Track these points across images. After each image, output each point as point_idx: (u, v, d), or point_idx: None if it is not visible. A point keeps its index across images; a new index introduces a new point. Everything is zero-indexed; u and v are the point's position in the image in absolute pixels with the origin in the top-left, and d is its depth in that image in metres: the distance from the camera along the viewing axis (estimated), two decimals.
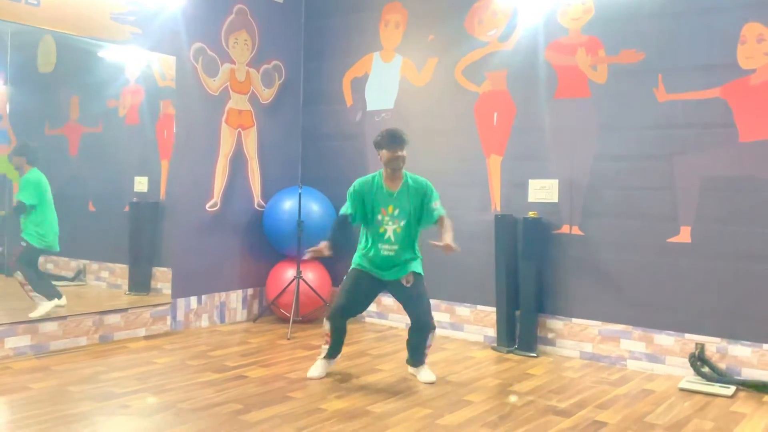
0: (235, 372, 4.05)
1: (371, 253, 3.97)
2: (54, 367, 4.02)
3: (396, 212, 3.94)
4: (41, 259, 5.16)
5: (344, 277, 4.07)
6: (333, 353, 4.06)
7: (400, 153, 3.90)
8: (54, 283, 4.97)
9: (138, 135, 5.18)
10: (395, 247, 3.94)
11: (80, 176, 5.08)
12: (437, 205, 3.97)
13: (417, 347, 4.00)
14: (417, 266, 4.00)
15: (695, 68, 4.19)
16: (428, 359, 4.08)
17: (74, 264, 5.11)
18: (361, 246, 4.06)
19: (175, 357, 4.37)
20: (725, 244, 4.10)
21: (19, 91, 4.78)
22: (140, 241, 5.24)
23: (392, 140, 3.91)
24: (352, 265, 4.07)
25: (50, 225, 4.67)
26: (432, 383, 3.90)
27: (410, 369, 4.10)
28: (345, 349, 4.64)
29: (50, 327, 4.37)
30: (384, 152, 3.92)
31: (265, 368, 4.15)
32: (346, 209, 4.00)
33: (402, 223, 3.94)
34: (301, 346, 4.76)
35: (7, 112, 4.73)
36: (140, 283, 5.19)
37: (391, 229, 3.93)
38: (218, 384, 3.79)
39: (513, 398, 3.67)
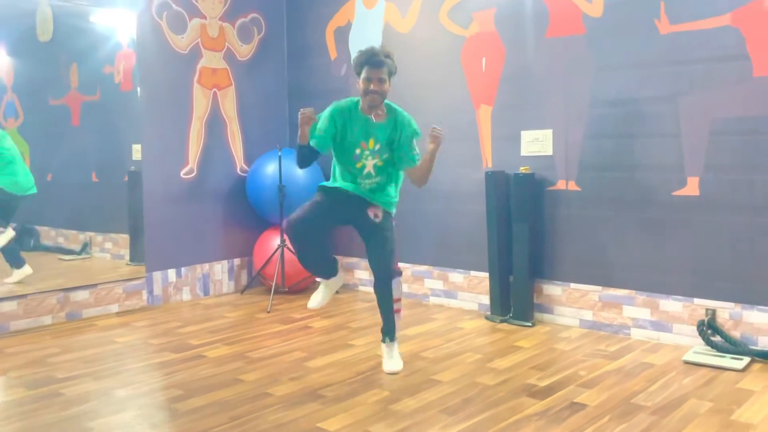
0: (195, 351, 3.76)
1: (347, 182, 3.40)
2: (6, 350, 3.81)
3: (377, 147, 3.33)
4: (52, 233, 5.04)
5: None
6: (324, 271, 3.50)
7: (375, 87, 3.20)
8: (62, 257, 4.88)
9: (133, 101, 4.89)
10: (377, 179, 3.37)
11: (83, 147, 4.93)
12: (416, 151, 3.38)
13: (381, 304, 3.41)
14: (389, 202, 3.42)
15: None
16: (401, 332, 3.68)
17: (81, 237, 4.97)
18: (334, 179, 3.47)
19: (139, 335, 4.12)
20: (739, 196, 3.56)
21: (22, 61, 4.63)
22: (140, 210, 4.98)
23: (369, 66, 3.21)
24: (319, 188, 3.47)
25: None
26: (395, 374, 3.36)
27: (382, 347, 3.52)
28: (325, 322, 4.38)
29: (8, 306, 4.16)
30: (360, 81, 3.27)
31: (229, 346, 3.85)
32: (315, 136, 3.33)
33: (384, 157, 3.35)
34: (280, 320, 4.45)
35: (12, 83, 4.60)
36: (141, 253, 4.97)
37: (371, 163, 3.34)
38: (170, 366, 3.51)
39: None
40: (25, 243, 4.69)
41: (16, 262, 4.43)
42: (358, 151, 3.35)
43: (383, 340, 3.47)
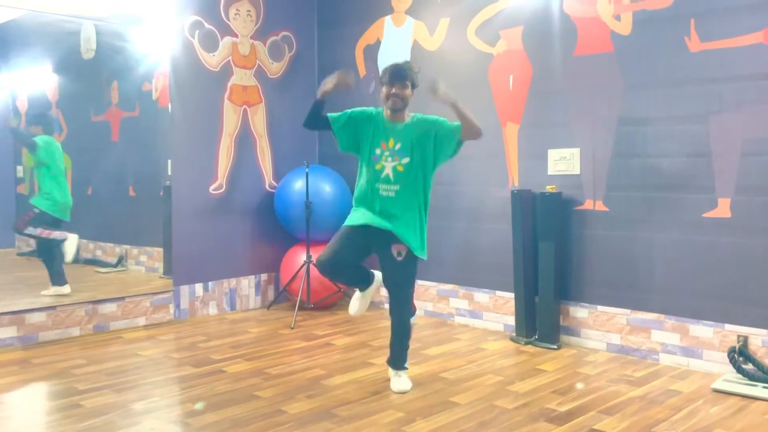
0: (215, 366, 3.77)
1: (368, 197, 3.37)
2: (34, 360, 3.88)
3: (397, 147, 3.32)
4: (90, 246, 5.16)
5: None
6: (359, 286, 3.50)
7: (396, 90, 3.27)
8: (99, 270, 5.01)
9: (170, 117, 4.98)
10: (395, 187, 3.30)
11: (122, 162, 5.06)
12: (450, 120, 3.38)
13: (394, 337, 3.43)
14: (417, 243, 3.31)
15: (733, 10, 3.52)
16: (423, 351, 3.65)
17: (118, 250, 5.08)
18: (356, 194, 3.45)
19: (162, 349, 4.16)
20: None
21: (66, 79, 4.79)
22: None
23: (392, 75, 3.30)
24: (345, 223, 3.44)
25: (61, 193, 4.65)
26: (404, 393, 3.34)
27: (390, 371, 3.51)
28: (347, 340, 4.36)
29: (38, 317, 4.24)
30: (383, 88, 3.35)
31: (249, 362, 3.86)
32: (331, 114, 3.48)
33: (405, 161, 3.31)
34: (303, 336, 4.44)
35: (57, 99, 4.75)
36: None
37: (390, 166, 3.32)
38: (189, 380, 3.52)
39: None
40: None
41: (59, 279, 4.55)
42: (378, 151, 3.37)
43: (391, 367, 3.49)
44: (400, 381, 3.41)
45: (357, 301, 3.54)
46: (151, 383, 3.48)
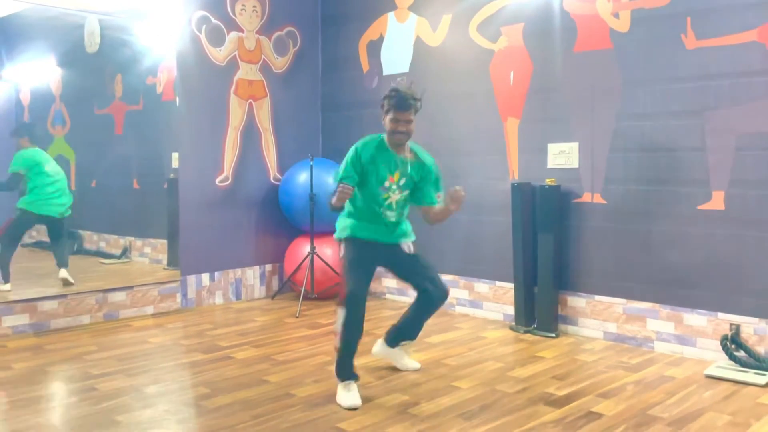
0: (223, 353, 3.88)
1: (369, 218, 3.43)
2: (47, 346, 3.99)
3: (402, 182, 3.43)
4: (95, 237, 5.25)
5: (344, 253, 3.41)
6: (351, 359, 3.26)
7: (402, 128, 3.29)
8: (103, 261, 5.07)
9: (174, 110, 5.06)
10: (396, 212, 3.46)
11: (125, 155, 5.14)
12: (439, 197, 3.47)
13: (421, 319, 3.50)
14: (411, 233, 3.53)
15: (728, 8, 3.63)
16: (425, 339, 3.76)
17: (122, 242, 5.16)
18: (353, 211, 3.48)
19: (171, 336, 4.26)
20: (764, 211, 3.55)
21: (70, 72, 4.86)
22: (177, 216, 5.12)
23: (397, 108, 3.28)
24: (347, 234, 3.43)
25: (42, 192, 4.60)
26: (416, 370, 3.58)
27: (390, 349, 3.59)
28: None
29: (50, 305, 4.35)
30: (388, 120, 3.34)
31: (256, 348, 3.97)
32: (346, 175, 3.35)
33: (405, 193, 3.47)
34: (308, 325, 4.55)
35: (60, 93, 4.83)
36: (178, 258, 5.12)
37: (395, 198, 3.42)
38: (199, 366, 3.63)
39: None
40: (68, 246, 4.88)
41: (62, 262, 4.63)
42: (387, 183, 3.38)
43: (405, 341, 3.59)
44: (410, 360, 3.62)
45: (352, 393, 3.17)
46: (162, 368, 3.59)
